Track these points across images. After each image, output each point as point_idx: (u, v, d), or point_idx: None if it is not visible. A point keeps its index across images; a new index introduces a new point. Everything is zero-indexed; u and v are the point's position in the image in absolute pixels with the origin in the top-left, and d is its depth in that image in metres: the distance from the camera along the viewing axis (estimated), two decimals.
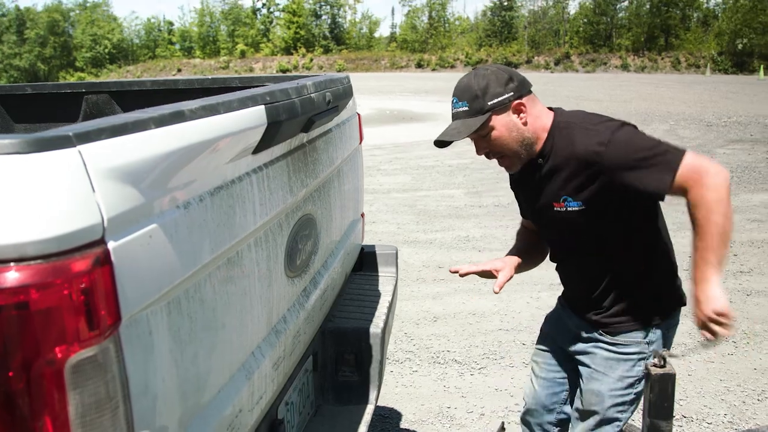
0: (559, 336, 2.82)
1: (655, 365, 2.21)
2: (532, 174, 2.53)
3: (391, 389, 4.67)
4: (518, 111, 2.41)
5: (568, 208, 2.44)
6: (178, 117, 1.39)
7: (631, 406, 2.64)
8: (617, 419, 2.62)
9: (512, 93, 2.39)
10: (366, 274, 3.23)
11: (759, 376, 4.78)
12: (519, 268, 2.75)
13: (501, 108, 2.38)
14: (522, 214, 2.89)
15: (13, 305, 1.06)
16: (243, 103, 1.63)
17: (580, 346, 2.70)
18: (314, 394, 2.57)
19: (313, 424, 2.52)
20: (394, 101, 25.25)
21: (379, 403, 4.43)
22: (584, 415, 2.67)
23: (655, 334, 2.62)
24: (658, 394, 2.19)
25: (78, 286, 1.10)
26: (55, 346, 1.09)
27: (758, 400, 4.48)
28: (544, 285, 6.25)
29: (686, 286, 2.55)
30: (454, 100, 2.42)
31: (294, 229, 2.07)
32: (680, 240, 7.91)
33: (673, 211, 9.05)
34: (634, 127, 2.40)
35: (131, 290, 1.19)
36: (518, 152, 2.45)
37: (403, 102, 25.37)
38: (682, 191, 2.28)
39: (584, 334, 2.66)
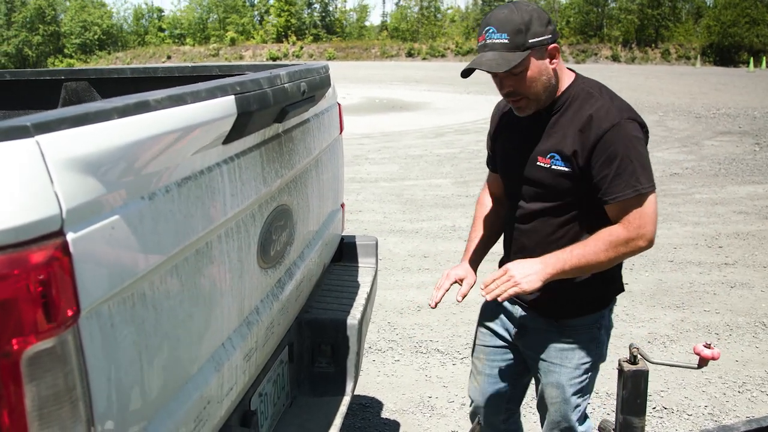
0: (503, 331, 2.79)
1: (627, 361, 2.21)
2: (530, 123, 2.49)
3: (373, 378, 4.68)
4: (552, 56, 2.36)
5: (553, 167, 2.41)
6: (143, 107, 1.38)
7: (591, 390, 2.70)
8: (579, 405, 2.68)
9: (551, 36, 2.33)
10: (345, 265, 3.22)
11: (740, 368, 4.81)
12: (479, 262, 2.76)
13: (539, 48, 2.31)
14: (493, 167, 2.81)
15: None
16: (212, 93, 1.61)
17: (530, 340, 2.68)
18: (290, 385, 2.56)
19: (289, 416, 2.52)
20: (383, 90, 25.19)
21: (361, 393, 4.44)
22: (549, 408, 2.70)
23: (604, 318, 2.65)
24: (631, 391, 2.20)
25: (36, 277, 1.09)
26: (11, 338, 1.08)
27: (739, 392, 4.50)
28: None
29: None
30: (491, 30, 2.28)
31: (268, 220, 2.06)
32: (665, 231, 7.92)
33: (659, 203, 9.05)
34: (645, 129, 2.42)
35: (91, 282, 1.18)
36: (540, 97, 2.40)
37: (392, 91, 25.32)
38: (618, 218, 2.36)
39: (533, 326, 2.65)
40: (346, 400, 2.61)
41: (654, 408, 4.28)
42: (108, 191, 1.24)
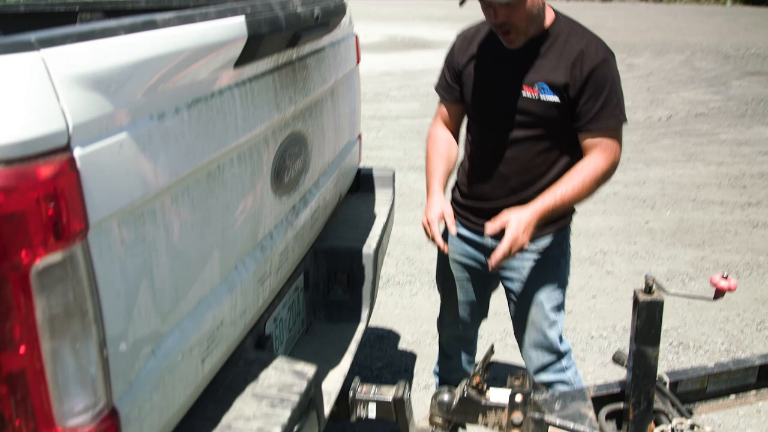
0: (473, 263, 2.93)
1: (643, 291, 2.20)
2: (513, 55, 2.59)
3: (391, 311, 4.72)
4: None
5: (542, 97, 2.53)
6: (151, 25, 1.37)
7: (564, 305, 2.88)
8: (557, 321, 2.86)
9: None
10: (362, 196, 3.22)
11: (759, 307, 4.80)
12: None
13: None
14: (452, 97, 2.85)
15: None
16: (221, 15, 1.59)
17: (508, 264, 2.80)
18: (305, 312, 2.59)
19: (304, 342, 2.55)
20: (406, 28, 24.81)
21: (378, 324, 4.49)
22: (529, 329, 2.87)
23: (568, 235, 2.83)
24: (645, 321, 2.19)
25: (43, 191, 1.09)
26: (20, 250, 1.09)
27: (757, 329, 4.50)
28: None
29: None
30: None
31: (282, 146, 2.05)
32: (688, 171, 7.83)
33: (683, 143, 8.91)
34: None
35: (100, 198, 1.19)
36: (529, 29, 2.51)
37: (415, 29, 24.93)
38: (594, 147, 2.55)
39: None
40: (362, 327, 2.63)
41: (670, 343, 4.30)
42: (115, 109, 1.23)
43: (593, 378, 3.81)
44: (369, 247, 2.69)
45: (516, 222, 2.46)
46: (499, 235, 2.54)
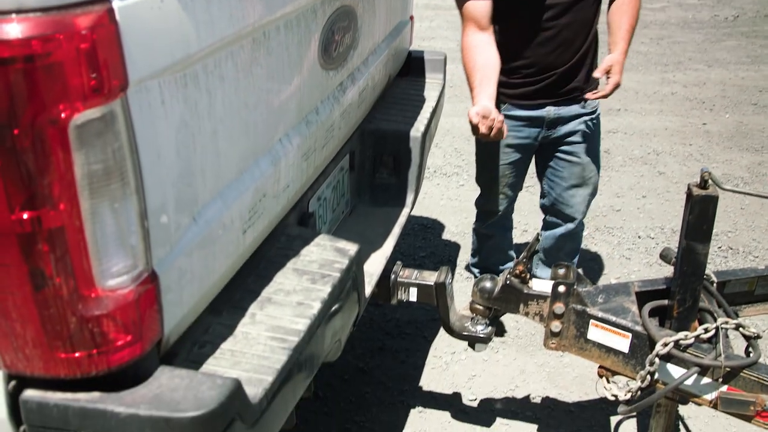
0: (522, 138, 3.02)
1: (697, 186, 2.11)
2: None
3: (437, 201, 4.69)
4: None
5: None
6: None
7: None
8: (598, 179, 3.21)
9: None
10: (412, 80, 3.14)
11: None
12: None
13: None
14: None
15: (17, 58, 1.02)
16: None
17: (563, 131, 3.00)
18: (350, 193, 2.56)
19: (348, 223, 2.53)
20: None
21: (423, 214, 4.47)
22: (581, 188, 3.13)
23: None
24: (698, 216, 2.11)
25: (82, 42, 1.05)
26: (58, 103, 1.06)
27: None
28: None
29: None
30: None
31: (331, 19, 1.97)
32: (752, 74, 7.54)
33: (749, 44, 8.54)
34: None
35: (140, 55, 1.15)
36: None
37: None
38: None
39: (565, 117, 2.97)
40: (406, 211, 2.60)
41: (719, 247, 4.21)
42: None
43: (638, 278, 3.76)
44: (417, 130, 2.63)
45: (617, 65, 2.75)
46: (560, 103, 2.92)
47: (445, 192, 4.83)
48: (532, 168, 3.30)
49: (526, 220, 4.35)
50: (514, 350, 3.32)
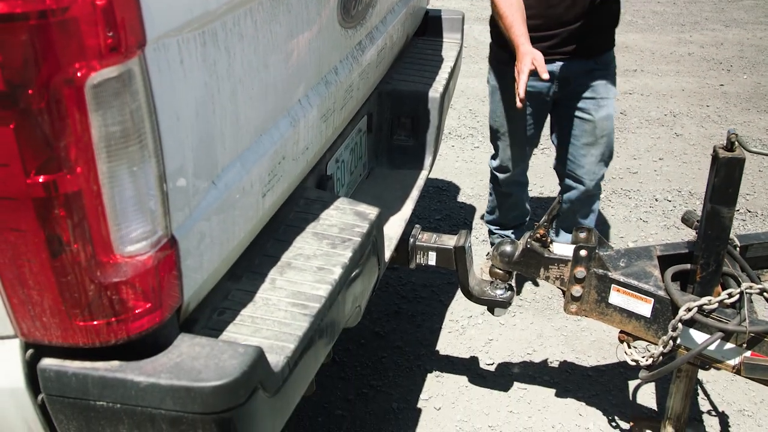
0: (537, 93, 2.98)
1: (723, 148, 2.05)
2: None
3: (452, 163, 4.64)
4: None
5: None
6: None
7: None
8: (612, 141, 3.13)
9: None
10: (429, 39, 3.07)
11: None
12: None
13: None
14: None
15: (30, 14, 0.97)
16: None
17: (575, 87, 2.99)
18: (367, 155, 2.51)
19: (365, 186, 2.49)
20: None
21: (439, 176, 4.42)
22: (598, 143, 3.05)
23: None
24: (724, 178, 2.05)
25: None
26: (74, 62, 1.01)
27: None
28: None
29: None
30: None
31: None
32: None
33: (767, 3, 8.39)
34: None
35: (157, 11, 1.10)
36: None
37: None
38: None
39: (576, 72, 2.95)
40: (424, 174, 2.55)
41: (738, 210, 4.15)
42: None
43: (655, 241, 3.72)
44: (435, 90, 2.57)
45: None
46: (571, 58, 2.91)
47: (460, 154, 4.77)
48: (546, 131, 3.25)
49: (542, 183, 4.30)
50: (531, 314, 3.29)
